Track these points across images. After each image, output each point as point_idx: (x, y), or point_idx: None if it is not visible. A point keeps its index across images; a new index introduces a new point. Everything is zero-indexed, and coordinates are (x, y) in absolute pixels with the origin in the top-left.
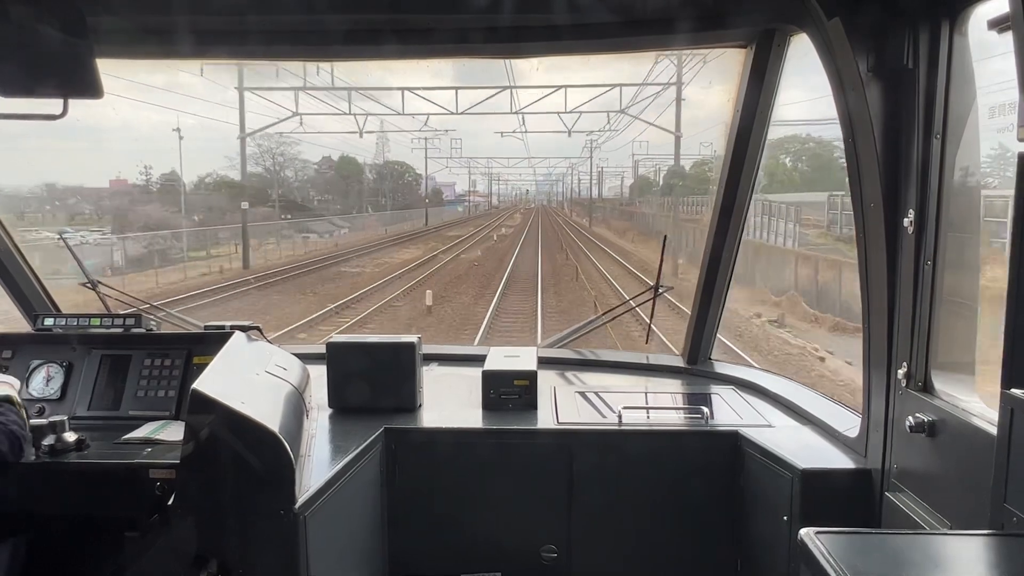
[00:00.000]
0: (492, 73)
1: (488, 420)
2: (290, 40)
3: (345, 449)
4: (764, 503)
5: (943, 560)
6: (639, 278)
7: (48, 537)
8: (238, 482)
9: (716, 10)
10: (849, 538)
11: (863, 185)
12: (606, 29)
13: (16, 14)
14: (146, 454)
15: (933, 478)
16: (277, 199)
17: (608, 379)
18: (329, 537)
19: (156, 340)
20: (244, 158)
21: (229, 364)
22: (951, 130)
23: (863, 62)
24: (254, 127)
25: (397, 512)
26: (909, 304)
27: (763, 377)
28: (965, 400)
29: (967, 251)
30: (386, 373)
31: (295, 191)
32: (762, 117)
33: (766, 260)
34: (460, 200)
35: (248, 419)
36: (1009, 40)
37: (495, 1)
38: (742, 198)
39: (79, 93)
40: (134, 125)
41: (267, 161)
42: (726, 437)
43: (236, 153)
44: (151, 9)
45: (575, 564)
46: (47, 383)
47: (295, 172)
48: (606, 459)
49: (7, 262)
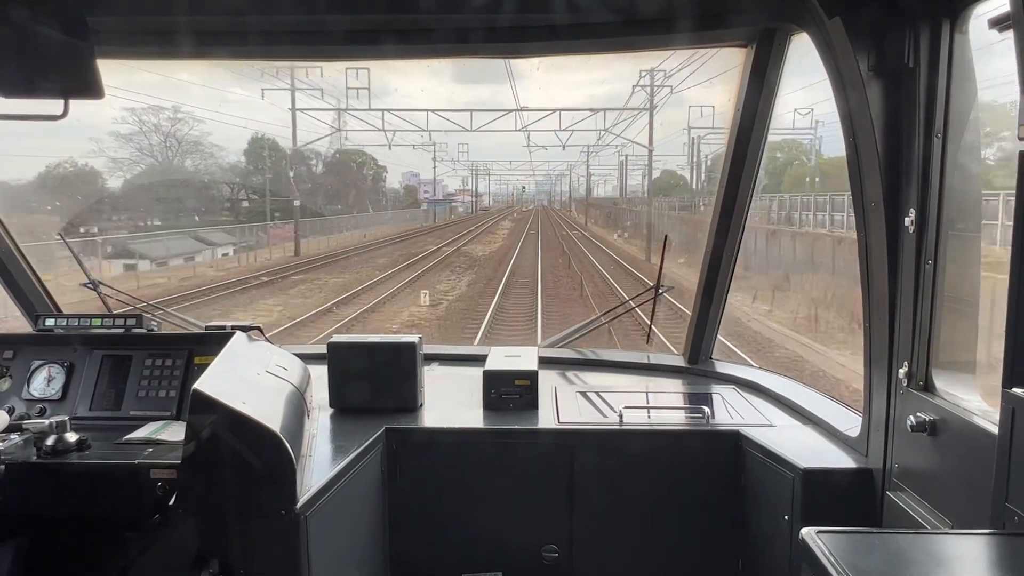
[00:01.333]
0: (491, 72)
1: (489, 420)
2: (290, 40)
3: (346, 449)
4: (765, 502)
5: (944, 559)
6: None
7: (50, 537)
8: (239, 482)
9: (716, 10)
10: (850, 537)
11: (864, 184)
12: (606, 29)
13: (17, 15)
14: (147, 454)
15: (934, 477)
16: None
17: (609, 379)
18: (330, 537)
19: (157, 340)
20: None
21: (230, 364)
22: (952, 129)
23: (864, 61)
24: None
25: (398, 512)
26: (910, 303)
27: (764, 377)
28: (966, 399)
29: (968, 250)
30: (387, 373)
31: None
32: (762, 117)
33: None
34: (449, 200)
35: (249, 419)
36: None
37: (495, 1)
38: (742, 198)
39: (80, 93)
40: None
41: (152, 140)
42: (727, 437)
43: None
44: (151, 9)
45: (576, 564)
46: (48, 383)
47: (200, 161)
48: (607, 459)
49: (8, 262)
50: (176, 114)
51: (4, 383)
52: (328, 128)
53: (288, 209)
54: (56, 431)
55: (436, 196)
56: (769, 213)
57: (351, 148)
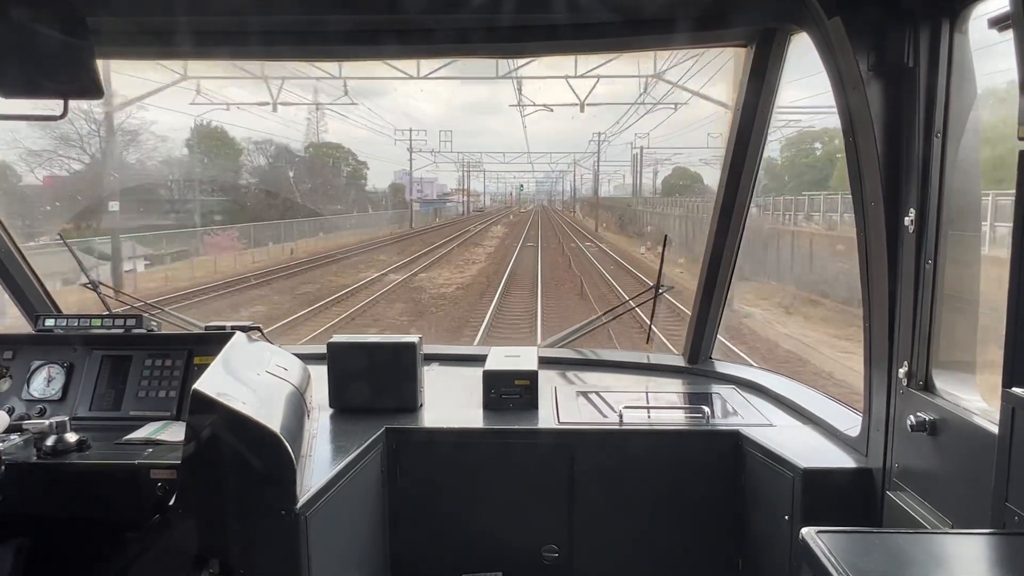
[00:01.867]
0: (490, 72)
1: (489, 420)
2: (290, 40)
3: (346, 449)
4: (765, 502)
5: (945, 559)
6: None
7: (50, 538)
8: (239, 482)
9: (716, 9)
10: (851, 537)
11: (864, 184)
12: (606, 29)
13: (16, 15)
14: (147, 455)
15: (934, 477)
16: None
17: (609, 379)
18: (330, 537)
19: (157, 341)
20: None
21: (230, 364)
22: (952, 129)
23: (863, 61)
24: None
25: (398, 512)
26: (910, 303)
27: (764, 376)
28: (966, 399)
29: (968, 250)
30: (387, 373)
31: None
32: (762, 117)
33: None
34: (443, 201)
35: (249, 419)
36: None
37: (495, 1)
38: (742, 198)
39: (79, 94)
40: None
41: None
42: (727, 436)
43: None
44: (151, 9)
45: (576, 564)
46: (48, 384)
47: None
48: (607, 459)
49: (8, 263)
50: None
51: (4, 383)
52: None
53: (233, 212)
54: (56, 431)
55: (429, 196)
56: (823, 214)
57: (331, 141)
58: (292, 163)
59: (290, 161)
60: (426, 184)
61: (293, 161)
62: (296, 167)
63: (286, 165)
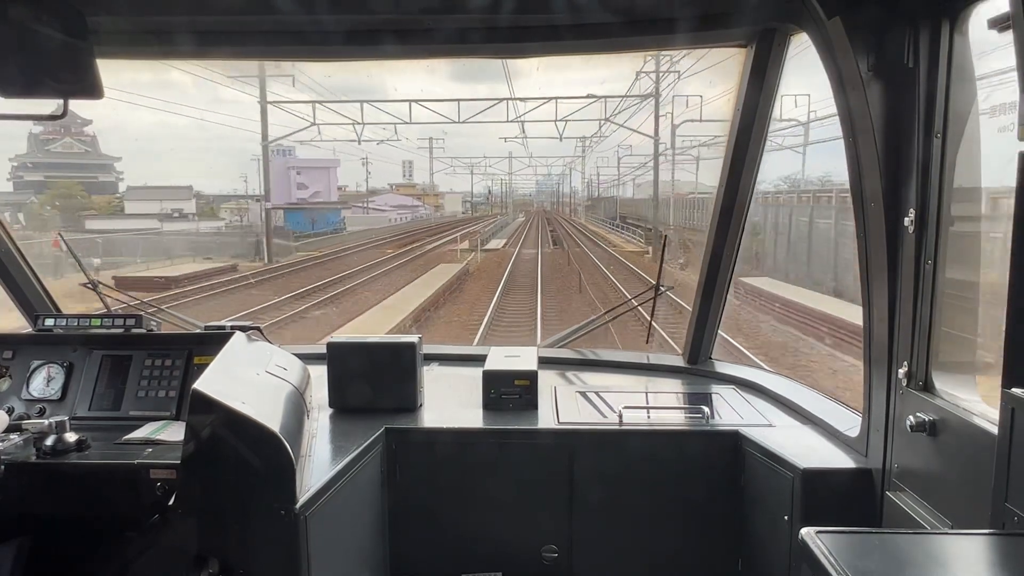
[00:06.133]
0: (489, 72)
1: (489, 420)
2: (290, 40)
3: (346, 449)
4: (765, 503)
5: (944, 560)
6: None
7: (49, 538)
8: (239, 482)
9: (716, 10)
10: (850, 538)
11: (863, 184)
12: (606, 29)
13: (16, 15)
14: (147, 454)
15: (934, 478)
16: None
17: (609, 379)
18: (330, 537)
19: (157, 340)
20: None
21: (229, 364)
22: (951, 129)
23: (863, 61)
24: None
25: (398, 512)
26: (910, 303)
27: (764, 377)
28: (966, 399)
29: (968, 250)
30: (386, 373)
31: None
32: (762, 117)
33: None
34: (335, 209)
35: (249, 419)
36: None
37: (495, 1)
38: (742, 198)
39: (79, 93)
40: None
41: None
42: (727, 437)
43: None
44: (151, 9)
45: (576, 564)
46: (48, 383)
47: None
48: (607, 459)
49: (7, 263)
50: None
51: (3, 383)
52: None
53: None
54: (56, 431)
55: (328, 197)
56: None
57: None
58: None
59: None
60: (309, 172)
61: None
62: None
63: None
